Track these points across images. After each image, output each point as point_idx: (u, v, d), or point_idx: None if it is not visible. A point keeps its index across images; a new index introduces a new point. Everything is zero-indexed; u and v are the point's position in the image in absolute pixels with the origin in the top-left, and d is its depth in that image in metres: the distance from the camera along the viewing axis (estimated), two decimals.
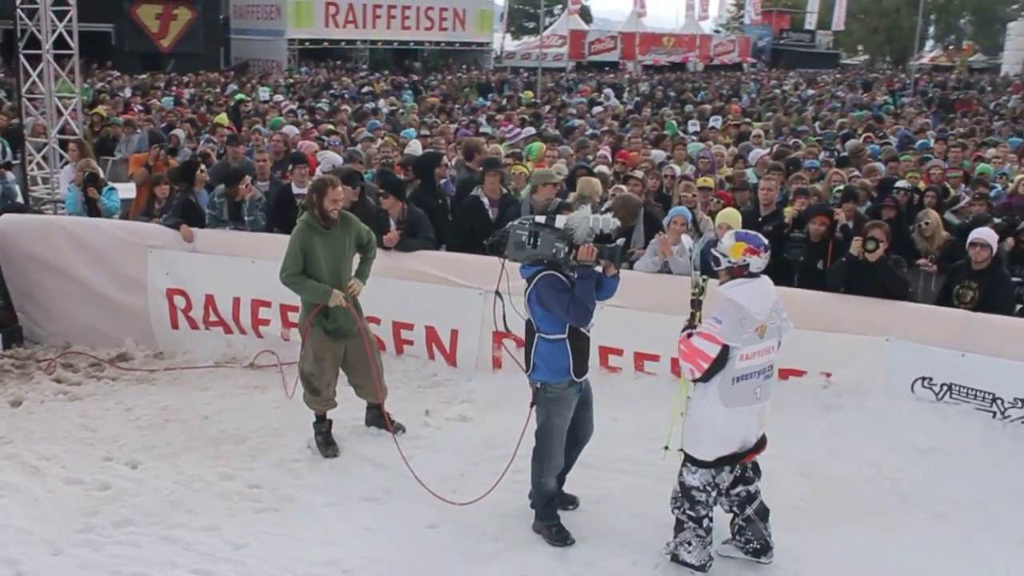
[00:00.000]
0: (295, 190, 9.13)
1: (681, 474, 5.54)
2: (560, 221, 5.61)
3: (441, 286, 8.22)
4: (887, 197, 9.52)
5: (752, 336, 5.26)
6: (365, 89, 27.88)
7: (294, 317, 8.53)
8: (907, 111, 23.75)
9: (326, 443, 7.01)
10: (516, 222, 5.80)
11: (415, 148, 12.22)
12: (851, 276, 7.65)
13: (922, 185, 10.70)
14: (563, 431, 5.95)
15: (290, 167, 9.43)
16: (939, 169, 11.63)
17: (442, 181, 9.68)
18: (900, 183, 10.17)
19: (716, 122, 17.97)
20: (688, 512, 5.50)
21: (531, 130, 16.18)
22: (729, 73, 47.63)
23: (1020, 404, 6.92)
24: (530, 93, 27.33)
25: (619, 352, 7.98)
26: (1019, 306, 7.71)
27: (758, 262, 5.28)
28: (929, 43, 65.46)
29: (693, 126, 17.85)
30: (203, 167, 9.37)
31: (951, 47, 63.31)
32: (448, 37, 44.89)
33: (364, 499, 6.43)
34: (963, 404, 7.11)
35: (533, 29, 60.38)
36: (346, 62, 41.45)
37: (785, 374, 7.55)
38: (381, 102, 22.80)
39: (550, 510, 6.03)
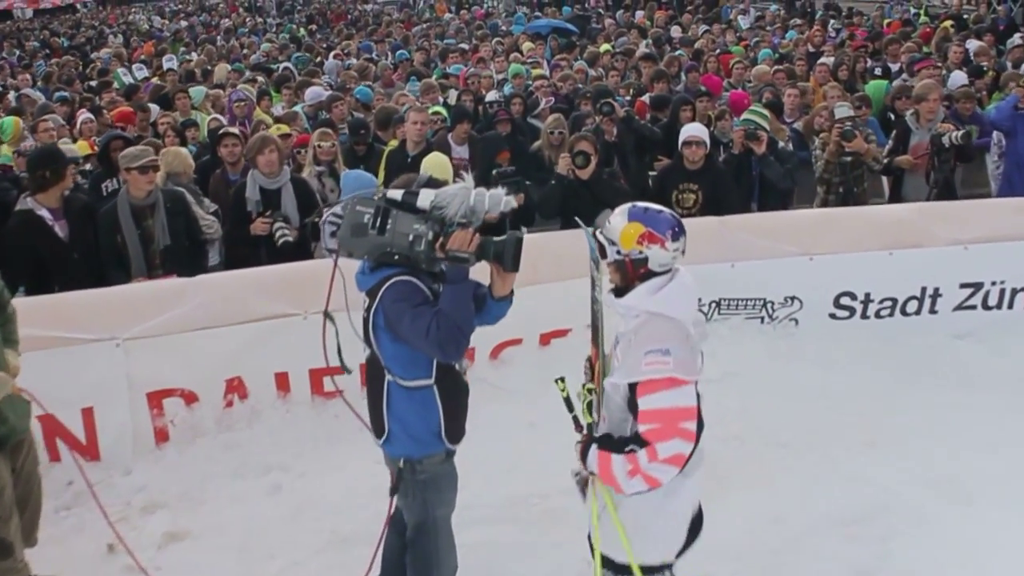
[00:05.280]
0: None
1: None
2: (425, 197, 3.56)
3: (54, 350, 5.30)
4: None
5: (697, 362, 3.53)
6: None
7: None
8: None
9: None
10: (358, 196, 3.69)
11: None
12: (566, 199, 6.58)
13: None
14: (449, 522, 4.04)
15: None
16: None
17: None
18: None
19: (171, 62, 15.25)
20: None
21: None
22: (67, 16, 42.80)
23: (788, 301, 6.52)
24: None
25: None
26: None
27: (663, 256, 3.48)
28: None
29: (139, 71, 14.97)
30: None
31: None
32: None
33: None
34: (733, 317, 6.52)
35: None
36: None
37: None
38: None
39: None
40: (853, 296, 6.58)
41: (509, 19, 25.26)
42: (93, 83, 14.52)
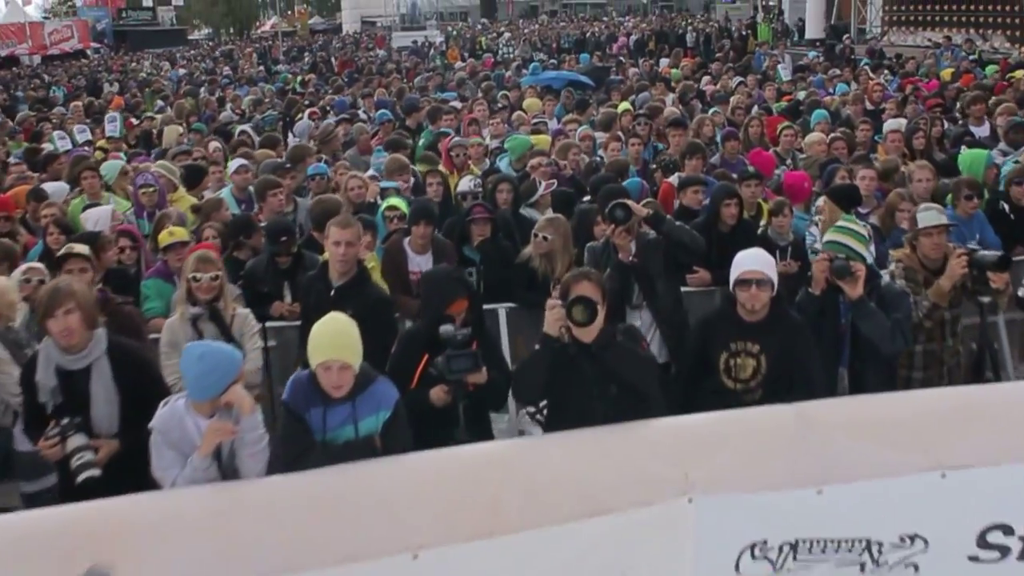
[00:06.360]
0: None
1: None
2: None
3: None
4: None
5: None
6: None
7: None
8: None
9: None
10: None
11: None
12: (557, 374, 4.21)
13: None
14: None
15: None
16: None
17: None
18: None
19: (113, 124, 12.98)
20: None
21: None
22: (74, 62, 41.73)
23: (907, 541, 4.13)
24: None
25: None
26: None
27: None
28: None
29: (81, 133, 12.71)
30: None
31: (289, 13, 65.20)
32: None
33: None
34: (818, 566, 4.11)
35: None
36: None
37: None
38: None
39: None
40: (1008, 530, 4.13)
41: (524, 68, 23.14)
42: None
